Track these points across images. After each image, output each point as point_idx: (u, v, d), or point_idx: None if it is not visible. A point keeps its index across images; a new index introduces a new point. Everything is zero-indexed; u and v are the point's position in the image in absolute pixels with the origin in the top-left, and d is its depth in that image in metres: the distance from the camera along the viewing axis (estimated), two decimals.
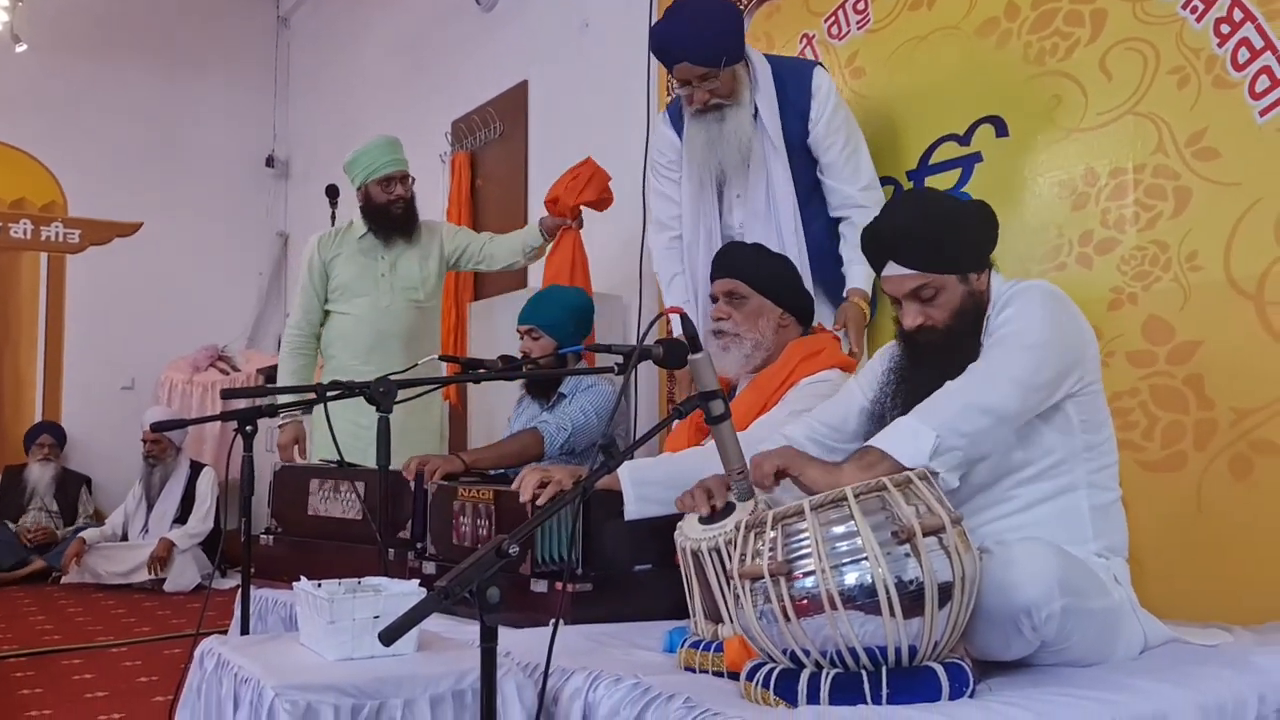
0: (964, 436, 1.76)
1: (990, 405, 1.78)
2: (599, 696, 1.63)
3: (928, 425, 1.76)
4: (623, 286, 4.27)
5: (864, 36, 3.38)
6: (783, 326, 2.54)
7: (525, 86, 5.27)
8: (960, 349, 1.94)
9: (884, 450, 1.78)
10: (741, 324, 2.52)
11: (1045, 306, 1.89)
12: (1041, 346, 1.84)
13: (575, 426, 3.20)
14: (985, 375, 1.83)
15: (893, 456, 1.76)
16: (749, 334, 2.51)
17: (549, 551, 2.29)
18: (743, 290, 2.53)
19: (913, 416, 1.81)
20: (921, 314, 1.97)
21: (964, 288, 1.96)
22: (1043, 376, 1.83)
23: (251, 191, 8.19)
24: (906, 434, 1.78)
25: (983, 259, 1.99)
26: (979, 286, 1.98)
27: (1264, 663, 1.78)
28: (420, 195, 6.16)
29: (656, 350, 1.90)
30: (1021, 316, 1.87)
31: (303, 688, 1.51)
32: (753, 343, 2.51)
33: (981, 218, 2.01)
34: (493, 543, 1.37)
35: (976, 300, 1.97)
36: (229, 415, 2.45)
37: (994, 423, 1.78)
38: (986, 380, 1.82)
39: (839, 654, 1.53)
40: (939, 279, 1.95)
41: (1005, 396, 1.79)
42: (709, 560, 1.87)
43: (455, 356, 4.28)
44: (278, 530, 3.27)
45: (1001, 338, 1.87)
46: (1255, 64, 2.38)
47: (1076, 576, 1.72)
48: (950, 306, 1.96)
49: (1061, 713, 1.49)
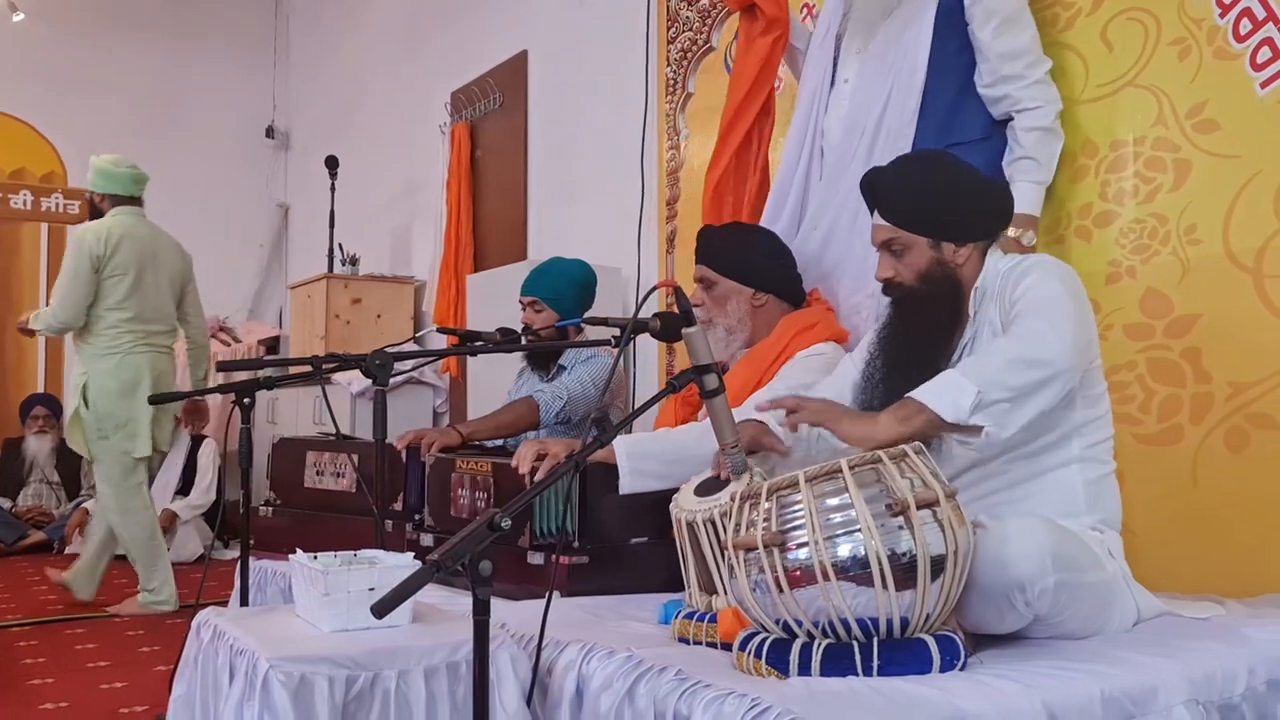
0: (1009, 390, 1.74)
1: (1040, 358, 1.76)
2: (593, 669, 1.64)
3: (971, 380, 1.75)
4: (621, 258, 4.26)
5: None
6: (757, 306, 2.55)
7: (525, 57, 5.25)
8: (934, 315, 1.96)
9: (923, 403, 1.77)
10: (712, 309, 2.55)
11: (1063, 278, 1.91)
12: (1075, 311, 1.85)
13: (571, 396, 3.21)
14: (1031, 332, 1.81)
15: (931, 409, 1.76)
16: (720, 319, 2.55)
17: (547, 524, 2.30)
18: (711, 276, 2.57)
19: (957, 370, 1.80)
20: (891, 268, 2.02)
21: (933, 254, 1.98)
22: (1084, 337, 1.84)
23: (251, 162, 8.17)
24: (949, 387, 1.77)
25: (965, 234, 1.99)
26: (953, 259, 1.99)
27: (1254, 635, 1.78)
28: (419, 166, 6.21)
29: (653, 323, 1.91)
30: (1045, 284, 1.88)
31: (297, 659, 1.52)
32: (725, 327, 2.54)
33: (985, 196, 2.02)
34: (485, 516, 1.38)
35: (946, 271, 1.98)
36: (228, 388, 2.46)
37: (1046, 376, 1.76)
38: (1034, 336, 1.80)
39: (831, 625, 1.53)
40: (908, 237, 1.99)
41: (1058, 351, 1.78)
42: (704, 532, 1.87)
43: (453, 329, 4.28)
44: (277, 502, 3.29)
45: (1035, 300, 1.86)
46: (1257, 35, 2.36)
47: (1070, 551, 1.72)
48: (915, 268, 1.99)
49: (1051, 685, 1.50)
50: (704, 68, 4.00)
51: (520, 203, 5.25)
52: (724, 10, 3.89)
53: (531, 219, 5.19)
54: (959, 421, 1.72)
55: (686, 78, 4.06)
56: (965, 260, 1.99)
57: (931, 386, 1.79)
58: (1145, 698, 1.54)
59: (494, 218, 5.48)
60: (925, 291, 1.98)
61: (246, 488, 2.45)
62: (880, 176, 2.06)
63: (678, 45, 4.10)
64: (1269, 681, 1.69)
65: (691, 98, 4.05)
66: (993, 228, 2.02)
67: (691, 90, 4.05)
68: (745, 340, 2.56)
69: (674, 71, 4.12)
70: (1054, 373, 1.76)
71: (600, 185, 4.59)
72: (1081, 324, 1.85)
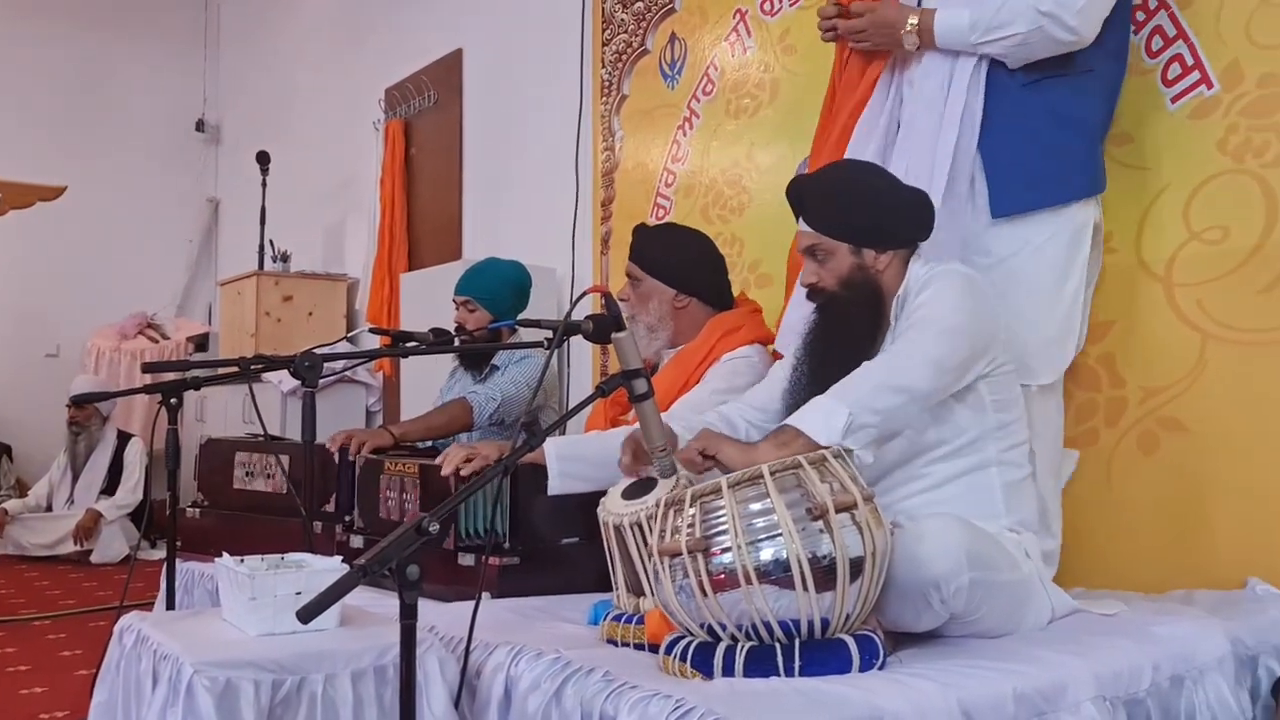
0: (877, 414, 1.80)
1: (903, 384, 1.83)
2: (521, 671, 1.66)
3: (842, 403, 1.81)
4: (556, 258, 4.28)
5: (795, 13, 3.40)
6: (679, 308, 2.59)
7: (460, 55, 5.23)
8: (855, 320, 2.01)
9: (799, 428, 1.82)
10: (636, 306, 2.60)
11: (960, 290, 1.95)
12: (956, 329, 1.89)
13: (505, 397, 3.21)
14: (900, 355, 1.88)
15: (807, 434, 1.80)
16: (642, 316, 2.59)
17: (473, 525, 2.31)
18: (637, 274, 2.61)
19: (828, 395, 1.85)
20: (815, 273, 2.06)
21: (854, 260, 2.03)
22: (956, 358, 1.88)
23: (181, 156, 8.02)
24: (821, 412, 1.82)
25: (885, 240, 2.03)
26: (873, 265, 2.03)
27: (1160, 633, 1.85)
28: (353, 163, 6.15)
29: (585, 325, 1.92)
30: (937, 300, 1.93)
31: (222, 664, 1.51)
32: (646, 325, 2.58)
33: (904, 205, 2.06)
34: (413, 520, 1.39)
35: (867, 277, 2.03)
36: (154, 388, 2.42)
37: (906, 401, 1.83)
38: (901, 360, 1.87)
39: (754, 627, 1.57)
40: (830, 243, 2.04)
41: (918, 376, 1.84)
42: (630, 535, 1.90)
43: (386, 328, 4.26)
44: (204, 503, 3.25)
45: (918, 320, 1.92)
46: (1167, 52, 2.44)
47: (985, 550, 1.77)
48: (837, 273, 2.04)
49: (967, 684, 1.55)
50: (639, 70, 4.02)
51: (455, 201, 5.23)
52: (659, 13, 3.92)
53: (466, 218, 5.17)
54: (831, 444, 1.76)
55: (621, 80, 4.09)
56: (886, 267, 2.04)
57: (806, 411, 1.84)
58: (1056, 695, 1.60)
59: (428, 216, 5.45)
60: (847, 297, 2.03)
61: (173, 488, 2.42)
62: (805, 184, 2.10)
63: (613, 47, 4.12)
64: (1172, 677, 1.76)
65: (626, 100, 4.08)
66: (912, 236, 2.07)
67: (626, 92, 4.07)
68: (667, 340, 2.60)
69: (609, 73, 4.14)
70: (910, 398, 1.83)
71: (535, 185, 4.60)
72: (966, 340, 1.90)
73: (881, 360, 1.89)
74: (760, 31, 3.52)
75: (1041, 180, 2.23)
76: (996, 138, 2.25)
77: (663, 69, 3.92)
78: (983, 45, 2.23)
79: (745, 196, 3.56)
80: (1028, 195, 2.24)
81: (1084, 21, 2.16)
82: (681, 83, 3.83)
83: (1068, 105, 2.24)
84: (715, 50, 3.70)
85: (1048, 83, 2.23)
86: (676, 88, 3.85)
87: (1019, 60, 2.23)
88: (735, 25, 3.61)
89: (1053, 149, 2.23)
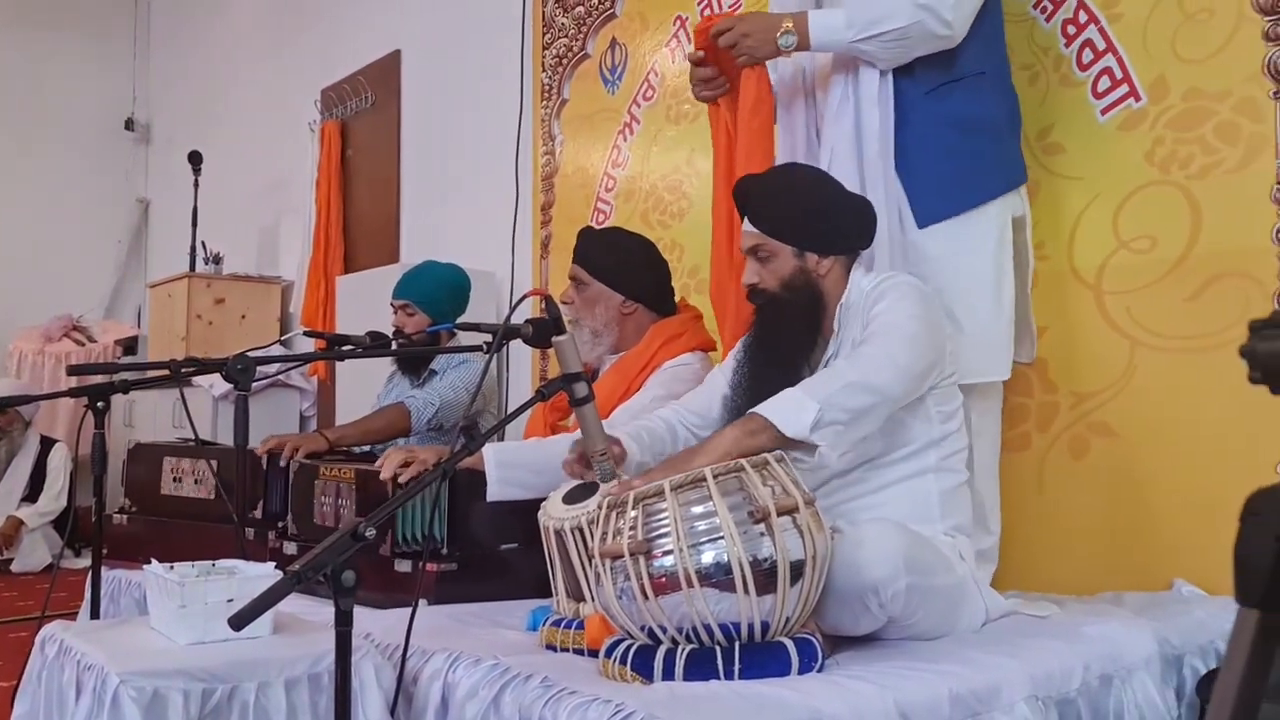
0: (846, 412, 1.79)
1: (875, 385, 1.83)
2: (458, 677, 1.64)
3: (812, 398, 1.79)
4: (495, 262, 4.25)
5: None
6: (626, 314, 2.58)
7: (398, 56, 5.18)
8: (794, 321, 2.02)
9: (767, 418, 1.80)
10: (581, 310, 2.57)
11: (916, 300, 1.97)
12: (919, 337, 1.91)
13: (444, 402, 3.18)
14: (870, 359, 1.88)
15: (775, 425, 1.78)
16: (587, 321, 2.57)
17: (410, 531, 2.28)
18: (584, 277, 2.58)
19: (798, 389, 1.84)
20: (756, 274, 2.07)
21: (797, 262, 2.04)
22: (921, 365, 1.90)
23: (110, 156, 7.84)
24: (791, 404, 1.80)
25: (829, 245, 2.05)
26: (816, 269, 2.05)
27: (1090, 633, 1.89)
28: (288, 164, 6.06)
29: (525, 329, 1.91)
30: (897, 308, 1.94)
31: (149, 673, 1.48)
32: (591, 330, 2.56)
33: (849, 211, 2.08)
34: (348, 525, 1.36)
35: (808, 280, 2.04)
36: (80, 391, 2.36)
37: (876, 402, 1.83)
38: (873, 362, 1.87)
39: (695, 630, 1.57)
40: (774, 244, 2.04)
41: (890, 379, 1.84)
42: (571, 539, 1.89)
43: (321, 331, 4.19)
44: (132, 509, 3.17)
45: (882, 326, 1.93)
46: (1098, 65, 2.50)
47: (922, 555, 1.79)
48: (779, 275, 2.04)
49: (903, 685, 1.56)
50: (579, 74, 4.02)
51: (392, 204, 5.17)
52: (599, 18, 3.92)
53: (404, 220, 5.12)
54: (800, 438, 1.76)
55: (562, 84, 4.08)
56: (827, 273, 2.05)
57: (775, 402, 1.82)
58: (990, 695, 1.62)
59: (365, 218, 5.39)
60: (787, 299, 2.03)
61: (100, 494, 2.36)
62: (752, 184, 2.11)
63: (553, 51, 4.11)
64: (1101, 676, 1.79)
65: (567, 104, 4.07)
66: (854, 244, 2.09)
67: (566, 97, 4.07)
68: (611, 345, 2.58)
69: (549, 77, 4.13)
70: (881, 399, 1.84)
71: (475, 188, 4.57)
72: (926, 349, 1.91)
73: (851, 362, 1.89)
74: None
75: (957, 185, 2.25)
76: (909, 148, 2.26)
77: (603, 74, 3.92)
78: (859, 43, 2.20)
79: (685, 202, 3.57)
80: (947, 202, 2.25)
81: (958, 16, 2.17)
82: (622, 88, 3.84)
83: (969, 108, 2.26)
84: (656, 56, 3.71)
85: (945, 89, 2.26)
86: (617, 93, 3.85)
87: (894, 60, 2.22)
88: (675, 31, 3.62)
89: (963, 153, 2.24)
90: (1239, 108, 2.28)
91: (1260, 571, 0.73)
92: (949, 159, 2.25)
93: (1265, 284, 2.23)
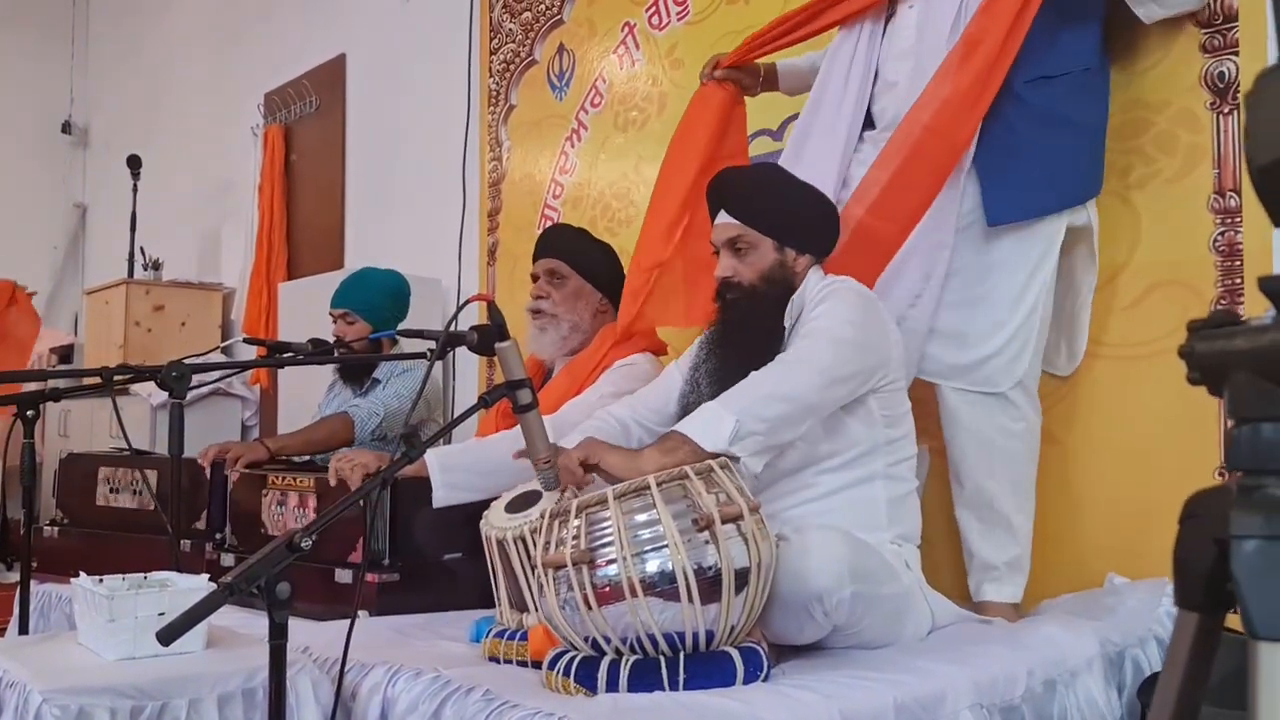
0: (763, 422, 1.79)
1: (790, 393, 1.83)
2: (398, 691, 1.61)
3: (729, 410, 1.79)
4: (441, 269, 4.20)
5: (684, 28, 3.42)
6: (600, 312, 2.56)
7: (343, 60, 5.11)
8: (764, 319, 2.00)
9: (686, 435, 1.80)
10: (560, 304, 2.53)
11: (855, 306, 1.96)
12: (847, 342, 1.90)
13: (388, 411, 3.14)
14: (790, 365, 1.88)
15: (694, 441, 1.78)
16: (566, 316, 2.53)
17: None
18: (564, 271, 2.54)
19: (717, 402, 1.84)
20: (732, 267, 2.05)
21: (777, 256, 2.04)
22: (846, 370, 1.89)
23: (45, 159, 7.65)
24: (709, 419, 1.80)
25: (805, 243, 2.06)
26: (792, 265, 2.05)
27: (1034, 638, 1.89)
28: (230, 169, 5.96)
29: (470, 336, 1.88)
30: (832, 313, 1.94)
31: (74, 690, 1.42)
32: (570, 325, 2.53)
33: (822, 211, 2.09)
34: (284, 536, 1.33)
35: (785, 275, 2.04)
36: (9, 399, 2.29)
37: (793, 410, 1.82)
38: (790, 369, 1.87)
39: (639, 640, 1.55)
40: (755, 236, 2.03)
41: (806, 386, 1.84)
42: (514, 549, 1.86)
43: (263, 339, 4.12)
44: (64, 521, 3.09)
45: (811, 330, 1.93)
46: None
47: (867, 564, 1.79)
48: (758, 267, 2.03)
49: (849, 694, 1.56)
50: (527, 80, 3.99)
51: (337, 210, 5.11)
52: (547, 24, 3.90)
53: (349, 227, 5.05)
54: (718, 451, 1.75)
55: (509, 90, 4.05)
56: (800, 271, 2.05)
57: (693, 419, 1.83)
58: (935, 703, 1.62)
59: (309, 224, 5.31)
60: (764, 292, 2.02)
61: (30, 506, 2.29)
62: (734, 176, 2.11)
63: (500, 57, 4.08)
64: (1045, 681, 1.80)
65: (514, 110, 4.04)
66: (826, 246, 2.09)
67: (514, 102, 4.04)
68: (580, 343, 2.54)
69: (496, 83, 4.10)
70: (799, 407, 1.83)
71: (421, 195, 4.52)
72: (854, 354, 1.90)
73: (771, 369, 1.88)
74: (648, 45, 3.53)
75: (1037, 189, 2.12)
76: (994, 142, 2.11)
77: (551, 80, 3.89)
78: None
79: (633, 209, 3.55)
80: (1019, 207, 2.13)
81: None
82: (570, 94, 3.82)
83: (1066, 106, 2.13)
84: (604, 63, 3.69)
85: (1045, 83, 2.12)
86: (565, 99, 3.83)
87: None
88: (624, 38, 3.61)
89: (1050, 155, 2.11)
90: (1177, 119, 2.31)
91: (1199, 574, 0.73)
92: (1034, 160, 2.11)
93: (1203, 292, 2.26)
